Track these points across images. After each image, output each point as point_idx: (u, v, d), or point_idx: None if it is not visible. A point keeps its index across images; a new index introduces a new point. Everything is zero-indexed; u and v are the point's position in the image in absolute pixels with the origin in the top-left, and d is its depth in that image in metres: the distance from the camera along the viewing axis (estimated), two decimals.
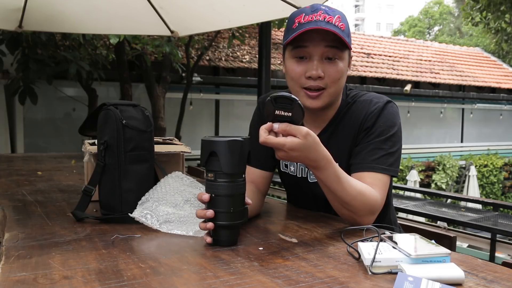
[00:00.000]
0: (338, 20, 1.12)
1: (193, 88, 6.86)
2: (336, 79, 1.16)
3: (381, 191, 1.14)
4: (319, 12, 1.11)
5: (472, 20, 9.37)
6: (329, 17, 1.11)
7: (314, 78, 1.14)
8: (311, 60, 1.15)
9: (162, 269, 0.81)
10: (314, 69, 1.13)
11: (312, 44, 1.13)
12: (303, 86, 1.17)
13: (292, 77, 1.18)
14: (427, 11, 32.65)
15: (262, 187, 1.35)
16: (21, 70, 4.46)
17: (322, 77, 1.14)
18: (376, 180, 1.15)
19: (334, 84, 1.16)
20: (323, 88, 1.16)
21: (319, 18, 1.10)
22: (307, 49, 1.14)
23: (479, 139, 11.60)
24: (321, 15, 1.11)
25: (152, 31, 3.61)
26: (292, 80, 1.19)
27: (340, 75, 1.16)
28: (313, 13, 1.11)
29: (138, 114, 1.22)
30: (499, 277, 0.79)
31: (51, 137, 6.60)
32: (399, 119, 1.23)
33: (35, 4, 2.58)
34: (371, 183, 1.13)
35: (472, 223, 3.40)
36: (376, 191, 1.13)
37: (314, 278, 0.78)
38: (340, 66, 1.16)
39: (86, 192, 1.18)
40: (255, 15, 2.81)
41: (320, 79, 1.14)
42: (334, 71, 1.15)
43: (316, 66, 1.13)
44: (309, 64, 1.14)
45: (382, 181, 1.16)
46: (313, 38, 1.12)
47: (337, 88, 1.18)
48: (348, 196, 1.05)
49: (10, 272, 0.78)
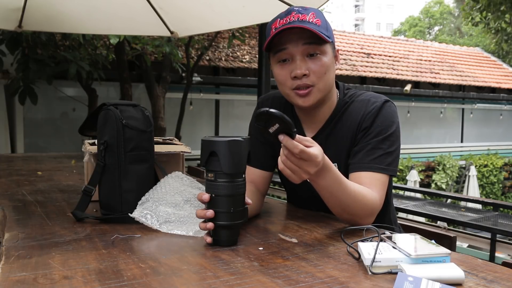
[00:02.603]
0: (313, 17, 1.14)
1: (193, 88, 6.86)
2: (321, 73, 1.17)
3: (379, 191, 1.14)
4: (292, 13, 1.14)
5: (472, 20, 9.37)
6: (303, 15, 1.13)
7: (299, 77, 1.16)
8: (293, 60, 1.16)
9: (162, 269, 0.81)
10: (297, 68, 1.15)
11: (290, 44, 1.15)
12: (292, 88, 1.18)
13: (279, 81, 1.21)
14: (427, 11, 32.64)
15: (262, 187, 1.35)
16: (21, 70, 4.46)
17: (307, 75, 1.16)
18: (374, 180, 1.15)
19: (320, 79, 1.17)
20: (311, 85, 1.17)
21: (293, 19, 1.12)
22: (287, 51, 1.16)
23: (479, 139, 11.60)
24: (294, 15, 1.13)
25: (152, 31, 3.61)
26: (281, 84, 1.21)
27: (325, 70, 1.17)
28: (287, 16, 1.14)
29: (138, 114, 1.22)
30: (499, 277, 0.79)
31: (51, 137, 6.60)
32: (397, 118, 1.23)
33: (35, 4, 2.58)
34: (370, 183, 1.13)
35: (472, 223, 3.40)
36: (375, 191, 1.13)
37: (314, 278, 0.78)
38: (324, 61, 1.17)
39: (86, 192, 1.18)
40: (254, 16, 2.81)
41: (305, 77, 1.16)
42: (318, 67, 1.16)
43: (299, 65, 1.15)
44: (292, 65, 1.16)
45: (381, 181, 1.16)
46: (290, 39, 1.15)
47: (325, 83, 1.19)
48: (349, 199, 1.05)
49: (10, 272, 0.78)
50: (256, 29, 6.68)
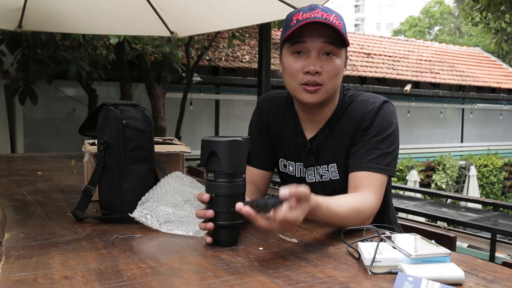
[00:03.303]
0: (335, 19, 1.14)
1: (193, 88, 6.86)
2: (333, 75, 1.17)
3: (377, 192, 1.15)
4: (317, 10, 1.13)
5: (472, 20, 9.37)
6: (327, 15, 1.13)
7: (312, 73, 1.16)
8: (309, 55, 1.16)
9: (162, 269, 0.81)
10: (312, 64, 1.15)
11: (310, 39, 1.15)
12: (301, 82, 1.18)
13: (289, 73, 1.19)
14: (427, 11, 32.64)
15: (262, 187, 1.35)
16: (21, 70, 4.46)
17: (319, 73, 1.16)
18: (372, 180, 1.15)
19: (331, 80, 1.17)
20: (320, 84, 1.17)
21: (317, 15, 1.12)
22: (305, 44, 1.15)
23: (479, 139, 11.59)
24: (319, 12, 1.13)
25: (151, 31, 3.60)
26: (290, 76, 1.20)
27: (337, 72, 1.18)
28: (311, 11, 1.13)
29: (138, 114, 1.22)
30: (499, 277, 0.79)
31: (51, 137, 6.60)
32: (396, 119, 1.24)
33: (34, 4, 2.58)
34: (367, 184, 1.14)
35: (472, 223, 3.40)
36: (372, 193, 1.13)
37: (314, 278, 0.78)
38: (337, 63, 1.17)
39: (86, 192, 1.18)
40: (254, 16, 2.81)
41: (317, 74, 1.16)
42: (332, 67, 1.16)
43: (314, 61, 1.15)
44: (307, 60, 1.16)
45: (379, 181, 1.16)
46: (311, 34, 1.14)
47: (333, 85, 1.19)
48: (345, 218, 1.04)
49: (10, 272, 0.78)
50: (256, 29, 6.67)
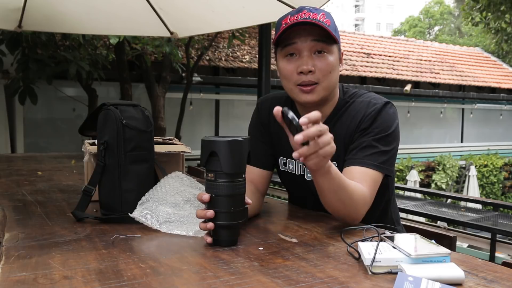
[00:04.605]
0: (323, 17, 1.16)
1: (193, 88, 6.86)
2: (327, 72, 1.18)
3: (369, 187, 1.15)
4: (303, 11, 1.16)
5: (472, 20, 9.37)
6: (314, 14, 1.15)
7: (305, 73, 1.17)
8: (301, 56, 1.18)
9: (162, 269, 0.81)
10: (304, 63, 1.17)
11: (299, 40, 1.17)
12: (296, 83, 1.20)
13: (284, 75, 1.22)
14: (427, 11, 32.63)
15: (262, 186, 1.35)
16: (21, 70, 4.46)
17: (313, 71, 1.17)
18: (365, 175, 1.15)
19: (326, 77, 1.19)
20: (316, 82, 1.18)
21: (304, 16, 1.15)
22: (296, 46, 1.18)
23: (479, 139, 11.59)
24: (306, 13, 1.16)
25: (151, 32, 3.60)
26: (285, 78, 1.22)
27: (330, 68, 1.19)
28: (298, 13, 1.16)
29: (138, 114, 1.22)
30: (499, 277, 0.79)
31: (51, 137, 6.60)
32: (397, 120, 1.24)
33: (34, 4, 2.58)
34: (360, 178, 1.14)
35: (472, 223, 3.40)
36: (365, 186, 1.13)
37: (314, 278, 0.78)
38: (330, 60, 1.19)
39: (86, 192, 1.18)
40: (254, 17, 2.81)
41: (311, 73, 1.17)
42: (325, 65, 1.18)
43: (306, 61, 1.17)
44: (300, 60, 1.18)
45: (372, 178, 1.16)
46: (300, 35, 1.17)
47: (329, 82, 1.20)
48: (349, 189, 1.06)
49: (10, 272, 0.78)
50: (256, 29, 6.66)
